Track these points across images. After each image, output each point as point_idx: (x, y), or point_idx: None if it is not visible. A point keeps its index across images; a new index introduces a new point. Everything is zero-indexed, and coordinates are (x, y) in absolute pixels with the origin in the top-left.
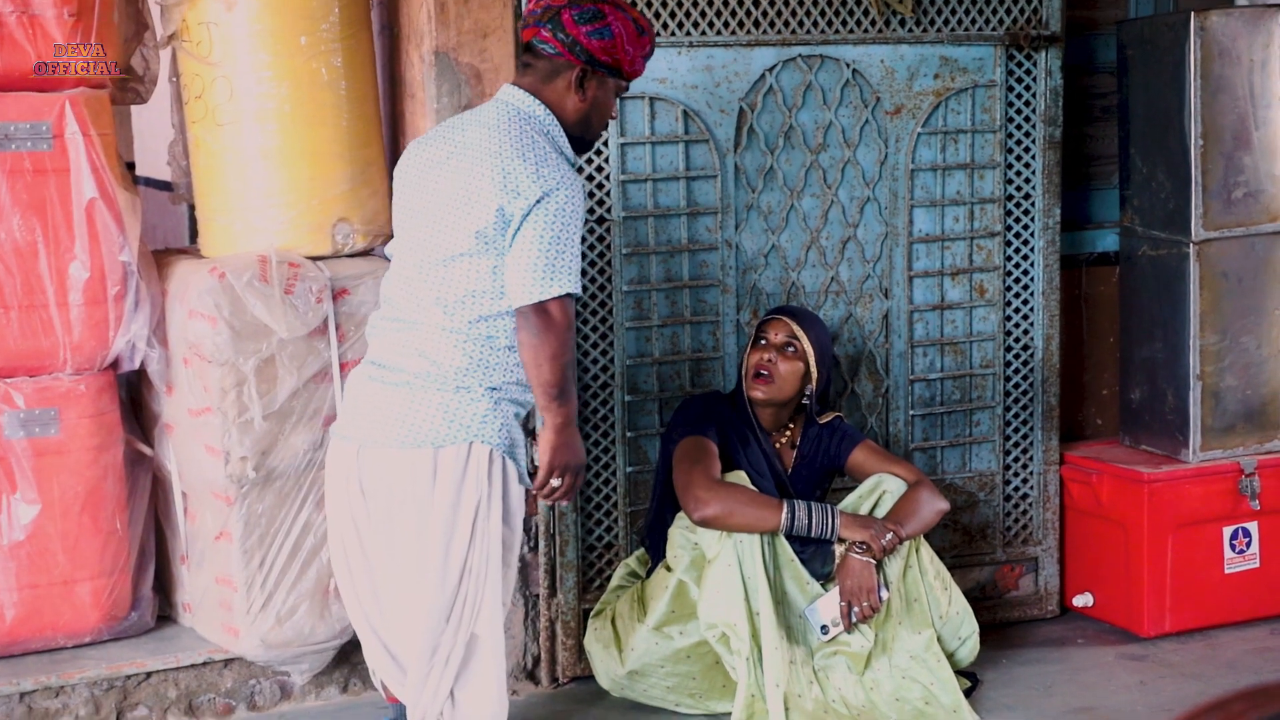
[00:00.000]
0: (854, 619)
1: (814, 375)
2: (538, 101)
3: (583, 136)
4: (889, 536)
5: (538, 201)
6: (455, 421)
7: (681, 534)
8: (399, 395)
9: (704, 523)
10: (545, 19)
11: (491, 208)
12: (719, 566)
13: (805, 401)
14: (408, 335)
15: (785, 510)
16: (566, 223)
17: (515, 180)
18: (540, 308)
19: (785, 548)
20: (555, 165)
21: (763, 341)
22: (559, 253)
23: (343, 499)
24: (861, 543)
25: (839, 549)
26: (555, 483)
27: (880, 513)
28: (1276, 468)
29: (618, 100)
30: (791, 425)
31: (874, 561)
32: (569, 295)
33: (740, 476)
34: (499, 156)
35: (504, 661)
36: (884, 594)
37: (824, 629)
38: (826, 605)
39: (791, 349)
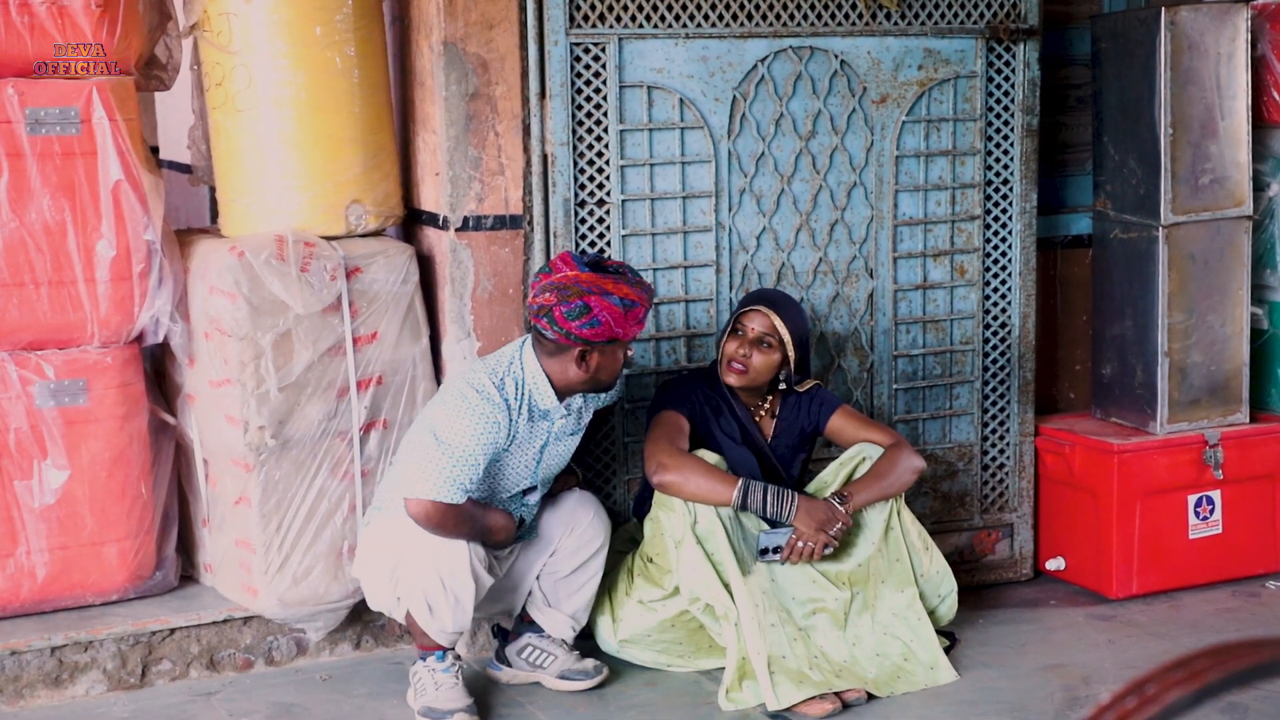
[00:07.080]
0: (800, 554)
1: (791, 359)
2: (531, 369)
3: (595, 389)
4: (838, 527)
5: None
6: None
7: (649, 525)
8: None
9: (660, 487)
10: (542, 315)
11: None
12: (686, 549)
13: (782, 384)
14: None
15: (739, 488)
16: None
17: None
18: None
19: (751, 520)
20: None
21: (739, 333)
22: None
23: None
24: (840, 494)
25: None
26: None
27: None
28: (1239, 439)
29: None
30: (771, 396)
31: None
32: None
33: (709, 455)
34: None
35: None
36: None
37: (764, 552)
38: (777, 534)
39: (768, 344)
